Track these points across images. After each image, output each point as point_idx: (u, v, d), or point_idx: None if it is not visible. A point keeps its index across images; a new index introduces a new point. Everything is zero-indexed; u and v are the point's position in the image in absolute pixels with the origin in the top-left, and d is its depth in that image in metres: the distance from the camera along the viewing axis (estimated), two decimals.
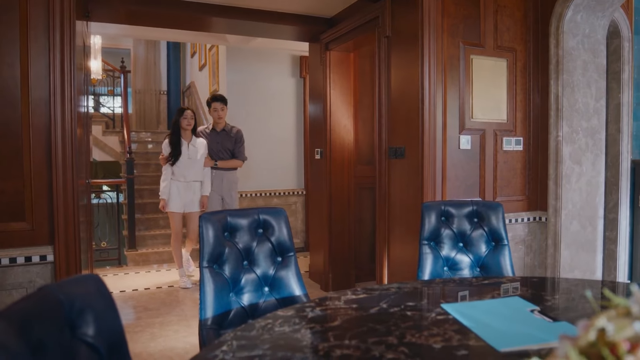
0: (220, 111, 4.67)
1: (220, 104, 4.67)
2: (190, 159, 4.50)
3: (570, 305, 1.46)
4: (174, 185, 4.50)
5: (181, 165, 4.47)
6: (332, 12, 4.24)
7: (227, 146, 4.71)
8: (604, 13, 3.42)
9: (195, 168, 4.52)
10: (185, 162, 4.48)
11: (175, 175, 4.50)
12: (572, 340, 0.61)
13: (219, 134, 4.72)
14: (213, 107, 4.67)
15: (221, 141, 4.69)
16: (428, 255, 2.35)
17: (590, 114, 3.48)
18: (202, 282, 1.89)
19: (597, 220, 3.59)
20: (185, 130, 4.52)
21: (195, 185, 4.58)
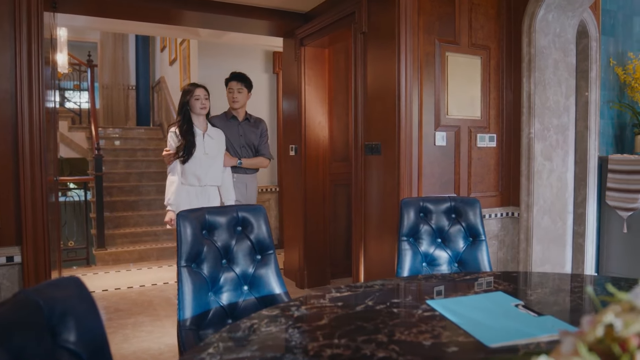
0: (236, 93, 3.65)
1: (238, 83, 3.67)
2: (207, 155, 3.33)
3: (552, 299, 1.48)
4: (183, 191, 3.30)
5: (195, 164, 3.28)
6: (307, 7, 4.20)
7: (252, 140, 3.69)
8: (574, 13, 3.50)
9: (213, 167, 3.37)
10: (200, 160, 3.30)
11: (186, 178, 3.30)
12: (579, 336, 0.61)
13: (241, 124, 3.69)
14: (229, 87, 3.70)
15: (244, 134, 3.67)
16: (407, 252, 2.36)
17: (560, 112, 3.56)
18: (180, 282, 1.84)
19: (566, 215, 3.68)
20: (198, 115, 3.38)
21: (212, 192, 3.40)
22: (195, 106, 3.35)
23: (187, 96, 3.37)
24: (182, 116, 3.37)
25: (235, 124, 3.68)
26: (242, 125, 3.71)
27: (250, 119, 3.77)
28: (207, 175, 3.35)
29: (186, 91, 3.41)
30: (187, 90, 3.41)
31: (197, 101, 3.34)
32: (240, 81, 3.69)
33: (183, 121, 3.35)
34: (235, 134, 3.66)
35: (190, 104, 3.36)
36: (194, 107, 3.36)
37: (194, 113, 3.38)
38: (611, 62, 4.24)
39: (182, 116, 3.38)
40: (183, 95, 3.41)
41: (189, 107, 3.37)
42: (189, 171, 3.30)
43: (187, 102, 3.37)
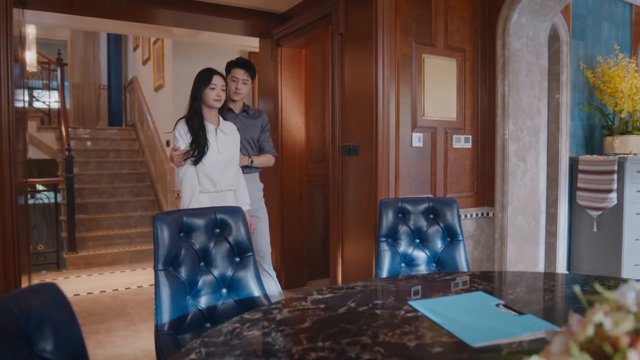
0: (241, 83, 3.13)
1: (245, 72, 3.16)
2: (222, 155, 2.85)
3: (530, 297, 1.50)
4: (200, 199, 2.78)
5: (209, 166, 2.78)
6: (283, 7, 4.18)
7: (252, 135, 3.25)
8: (546, 17, 3.57)
9: (230, 168, 2.90)
10: (215, 160, 2.80)
11: (200, 182, 2.79)
12: (569, 336, 0.61)
13: (238, 117, 3.21)
14: (232, 74, 3.15)
15: (243, 128, 3.18)
16: (386, 252, 2.37)
17: (533, 113, 3.63)
18: (157, 286, 1.80)
19: (539, 215, 3.75)
20: (211, 108, 2.89)
21: (229, 198, 2.90)
22: (209, 97, 2.82)
23: (201, 84, 2.84)
24: (192, 108, 2.83)
25: (232, 117, 3.15)
26: (239, 118, 3.19)
27: (249, 111, 3.28)
28: (224, 178, 2.83)
29: (201, 77, 2.87)
30: (203, 77, 2.87)
31: (212, 91, 2.82)
32: (248, 70, 3.18)
33: (193, 114, 2.81)
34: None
35: (205, 94, 2.83)
36: (208, 98, 2.83)
37: (206, 105, 2.85)
38: (581, 65, 4.36)
39: (192, 108, 2.84)
40: (197, 82, 2.88)
41: (203, 98, 2.84)
42: (202, 175, 2.77)
43: (203, 90, 2.83)
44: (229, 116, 3.14)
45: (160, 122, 6.32)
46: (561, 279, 1.82)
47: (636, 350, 0.53)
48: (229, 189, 2.89)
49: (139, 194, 6.63)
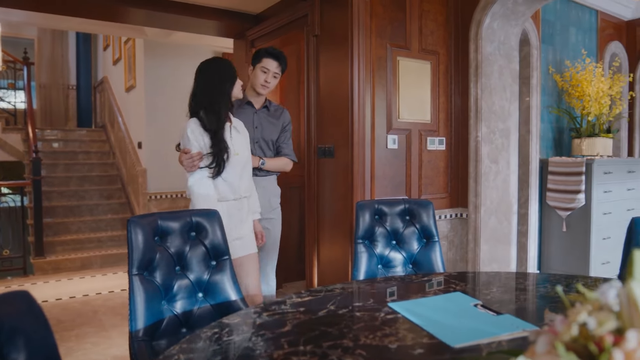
0: (271, 76, 2.75)
1: (277, 64, 2.76)
2: (239, 156, 2.44)
3: (507, 297, 1.52)
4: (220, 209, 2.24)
5: (228, 169, 2.38)
6: (258, 8, 4.16)
7: (271, 135, 2.84)
8: (517, 22, 3.65)
9: (247, 171, 2.52)
10: (233, 163, 2.40)
11: (217, 189, 2.38)
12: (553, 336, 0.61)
13: (258, 113, 2.81)
14: (263, 64, 2.73)
15: (261, 125, 2.79)
16: (363, 254, 2.37)
17: (505, 116, 3.70)
18: (131, 291, 1.76)
19: (511, 216, 3.82)
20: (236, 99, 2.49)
21: (246, 205, 2.52)
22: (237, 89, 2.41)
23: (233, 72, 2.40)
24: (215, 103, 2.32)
25: (251, 112, 2.76)
26: (259, 114, 2.80)
27: (270, 107, 2.88)
28: (242, 182, 2.45)
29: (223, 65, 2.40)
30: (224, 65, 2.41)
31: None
32: (281, 62, 2.78)
33: (213, 112, 2.32)
34: (248, 125, 2.69)
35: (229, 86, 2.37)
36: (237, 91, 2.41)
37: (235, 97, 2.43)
38: (550, 69, 4.46)
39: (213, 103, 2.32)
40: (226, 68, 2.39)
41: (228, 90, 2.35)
42: (219, 180, 2.37)
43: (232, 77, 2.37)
44: (246, 111, 2.75)
45: (131, 123, 6.20)
46: (534, 278, 1.85)
47: (620, 349, 0.53)
48: (246, 195, 2.50)
49: (110, 197, 6.49)
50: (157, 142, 5.57)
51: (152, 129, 5.53)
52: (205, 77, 2.39)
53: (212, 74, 2.38)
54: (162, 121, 5.58)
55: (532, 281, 1.73)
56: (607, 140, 4.33)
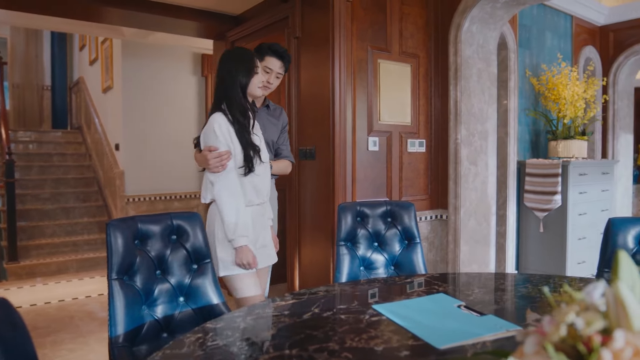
0: (274, 77, 2.55)
1: (281, 64, 2.56)
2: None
3: (489, 298, 1.53)
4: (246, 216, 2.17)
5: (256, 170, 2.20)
6: (238, 9, 4.13)
7: (272, 135, 2.65)
8: (495, 26, 3.70)
9: (268, 174, 2.34)
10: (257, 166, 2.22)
11: (245, 193, 2.19)
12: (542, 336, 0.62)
13: (259, 112, 2.58)
14: (266, 63, 2.51)
15: (263, 126, 2.52)
16: (345, 256, 2.37)
17: (484, 119, 3.75)
18: (111, 296, 1.72)
19: (490, 217, 3.88)
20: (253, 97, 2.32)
21: (266, 210, 2.36)
22: (254, 83, 2.21)
23: (248, 65, 2.18)
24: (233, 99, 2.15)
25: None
26: (260, 113, 2.58)
27: (270, 106, 2.70)
28: (266, 186, 2.29)
29: (244, 57, 2.20)
30: (245, 57, 2.20)
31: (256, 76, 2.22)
32: (286, 62, 2.58)
33: (237, 108, 2.15)
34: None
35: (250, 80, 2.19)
36: (254, 85, 2.21)
37: (251, 95, 2.24)
38: (527, 72, 4.55)
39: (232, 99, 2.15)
40: (240, 62, 2.18)
41: (247, 85, 2.18)
42: (247, 183, 2.18)
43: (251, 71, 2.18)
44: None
45: (108, 125, 6.09)
46: (514, 279, 1.87)
47: (609, 349, 0.54)
48: (266, 200, 2.34)
49: (86, 200, 6.36)
50: (135, 144, 5.49)
51: (130, 130, 5.44)
52: (222, 67, 2.20)
53: (228, 63, 2.18)
54: (140, 123, 5.50)
55: (513, 282, 1.76)
56: (582, 142, 4.43)
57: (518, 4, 3.55)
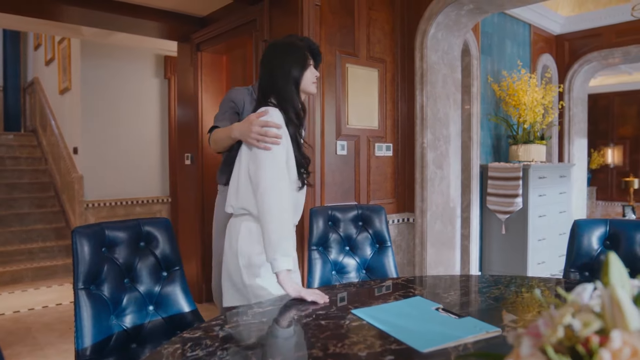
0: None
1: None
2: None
3: (465, 300, 1.56)
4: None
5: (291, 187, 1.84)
6: (204, 11, 4.07)
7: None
8: (460, 33, 3.79)
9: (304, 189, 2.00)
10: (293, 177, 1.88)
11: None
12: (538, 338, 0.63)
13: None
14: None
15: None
16: (317, 261, 2.36)
17: (449, 123, 3.82)
18: (77, 306, 1.65)
19: (455, 220, 3.95)
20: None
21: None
22: (309, 81, 1.90)
23: (301, 55, 1.85)
24: (289, 94, 1.82)
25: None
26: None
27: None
28: (302, 204, 2.01)
29: (298, 47, 1.87)
30: (301, 48, 1.88)
31: (311, 74, 1.91)
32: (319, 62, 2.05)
33: (292, 105, 1.82)
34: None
35: (303, 76, 1.86)
36: (307, 81, 1.88)
37: (304, 90, 1.89)
38: (489, 78, 4.67)
39: (289, 94, 1.81)
40: (292, 52, 1.84)
41: (299, 81, 1.84)
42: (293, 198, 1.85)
43: (303, 66, 1.85)
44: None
45: (66, 128, 5.87)
46: (487, 281, 1.91)
47: (607, 349, 0.55)
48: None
49: (42, 205, 6.09)
50: (95, 148, 5.31)
51: (89, 133, 5.26)
52: (270, 57, 1.85)
53: (277, 53, 1.84)
54: (100, 126, 5.33)
55: (485, 283, 1.79)
56: (541, 146, 4.58)
57: (481, 12, 3.65)
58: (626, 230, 1.83)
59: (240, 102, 2.39)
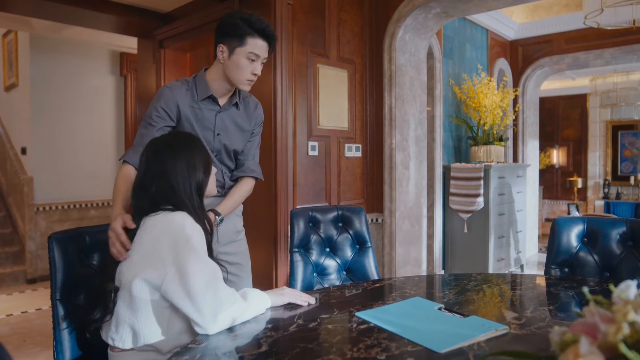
0: (259, 64, 1.85)
1: (268, 49, 1.88)
2: None
3: (462, 299, 1.57)
4: None
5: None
6: (168, 7, 3.93)
7: (236, 143, 2.01)
8: (426, 35, 3.86)
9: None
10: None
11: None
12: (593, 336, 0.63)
13: (222, 113, 1.94)
14: (250, 48, 1.80)
15: (225, 129, 1.96)
16: (299, 263, 2.33)
17: (416, 124, 3.88)
18: (55, 318, 1.54)
19: (422, 219, 4.02)
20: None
21: None
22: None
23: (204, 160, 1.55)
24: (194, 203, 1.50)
25: (213, 111, 1.91)
26: (223, 114, 1.94)
27: (240, 103, 1.99)
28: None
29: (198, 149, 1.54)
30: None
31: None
32: (273, 45, 1.90)
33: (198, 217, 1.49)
34: (208, 129, 1.90)
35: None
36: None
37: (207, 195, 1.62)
38: (450, 81, 4.79)
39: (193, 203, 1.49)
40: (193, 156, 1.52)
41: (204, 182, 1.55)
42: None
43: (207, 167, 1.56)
44: (208, 107, 1.89)
45: (13, 127, 5.51)
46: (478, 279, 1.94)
47: None
48: None
49: None
50: (46, 147, 5.02)
51: (40, 133, 4.97)
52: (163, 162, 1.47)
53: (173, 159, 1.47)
54: (52, 125, 5.05)
55: (479, 282, 1.82)
56: (499, 147, 4.75)
57: (447, 16, 3.73)
58: (602, 227, 1.92)
59: (173, 107, 1.84)
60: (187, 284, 1.23)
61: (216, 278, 1.29)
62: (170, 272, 1.27)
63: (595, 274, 1.90)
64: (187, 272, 1.24)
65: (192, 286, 1.23)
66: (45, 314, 4.04)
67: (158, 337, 1.33)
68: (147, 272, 1.31)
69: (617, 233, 1.90)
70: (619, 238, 1.89)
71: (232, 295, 1.29)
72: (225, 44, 1.81)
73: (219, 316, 1.22)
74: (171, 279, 1.26)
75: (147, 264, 1.32)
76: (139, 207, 1.44)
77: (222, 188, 1.99)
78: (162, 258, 1.29)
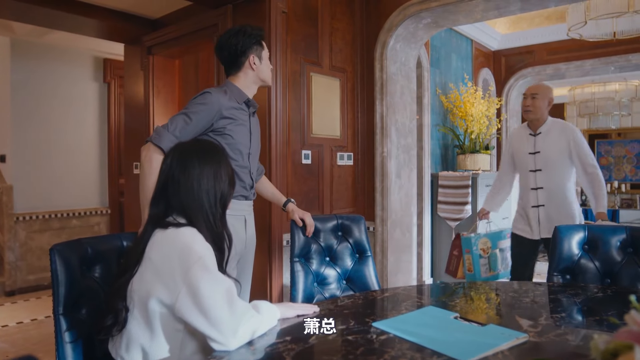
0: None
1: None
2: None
3: (475, 307, 1.58)
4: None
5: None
6: (157, 13, 3.89)
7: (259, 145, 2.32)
8: (416, 45, 3.90)
9: None
10: None
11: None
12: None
13: (254, 116, 2.21)
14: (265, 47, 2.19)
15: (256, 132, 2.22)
16: (300, 273, 2.30)
17: (406, 133, 3.91)
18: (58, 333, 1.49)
19: (412, 227, 4.04)
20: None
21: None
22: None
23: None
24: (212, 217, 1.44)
25: (247, 114, 2.12)
26: (252, 119, 2.17)
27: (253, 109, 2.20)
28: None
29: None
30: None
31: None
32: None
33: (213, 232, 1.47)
34: (246, 129, 2.10)
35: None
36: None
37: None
38: (437, 90, 4.84)
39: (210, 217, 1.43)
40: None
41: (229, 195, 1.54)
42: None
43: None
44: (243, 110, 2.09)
45: None
46: (484, 286, 1.95)
47: None
48: None
49: None
50: (27, 155, 4.88)
51: (20, 140, 4.83)
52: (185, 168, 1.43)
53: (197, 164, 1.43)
54: (32, 132, 4.92)
55: (485, 289, 1.82)
56: (486, 156, 4.81)
57: (437, 26, 3.78)
58: (603, 235, 1.96)
59: (215, 112, 1.96)
60: (201, 302, 1.21)
61: (230, 293, 1.26)
62: (182, 291, 1.24)
63: (597, 281, 1.93)
64: (199, 290, 1.22)
65: (207, 304, 1.20)
66: (27, 328, 3.91)
67: (170, 358, 1.30)
68: (160, 290, 1.28)
69: (618, 240, 1.94)
70: (619, 245, 1.93)
71: (249, 309, 1.27)
72: (253, 53, 2.09)
73: (239, 331, 1.20)
74: (184, 297, 1.24)
75: (158, 281, 1.29)
76: (154, 216, 1.41)
77: (250, 188, 2.20)
78: (173, 276, 1.26)
